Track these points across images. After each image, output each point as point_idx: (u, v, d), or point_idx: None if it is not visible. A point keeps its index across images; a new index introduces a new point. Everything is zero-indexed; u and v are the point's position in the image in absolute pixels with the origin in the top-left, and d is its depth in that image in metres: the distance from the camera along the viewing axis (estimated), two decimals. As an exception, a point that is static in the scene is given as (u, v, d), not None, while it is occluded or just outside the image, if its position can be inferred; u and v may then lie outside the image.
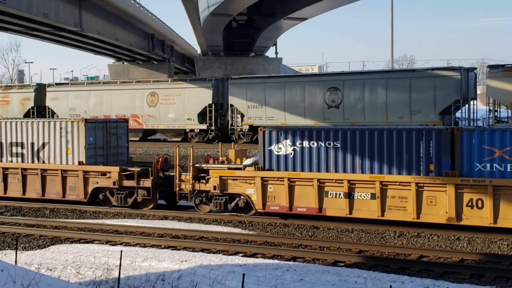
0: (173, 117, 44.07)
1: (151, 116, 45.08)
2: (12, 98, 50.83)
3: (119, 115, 44.40)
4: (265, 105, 40.51)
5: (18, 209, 25.30)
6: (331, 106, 38.45)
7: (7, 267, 9.15)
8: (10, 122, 26.17)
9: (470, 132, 18.29)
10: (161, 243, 18.59)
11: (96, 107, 47.01)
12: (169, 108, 44.31)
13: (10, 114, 48.58)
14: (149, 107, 45.09)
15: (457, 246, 18.01)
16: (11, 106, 50.36)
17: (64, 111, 47.71)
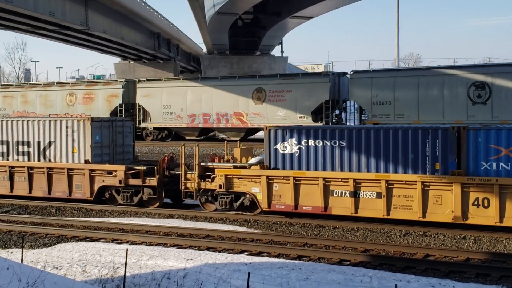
0: (282, 115, 40.62)
1: (257, 114, 41.58)
2: (97, 95, 46.53)
3: (220, 113, 42.20)
4: (394, 101, 37.62)
5: (25, 207, 25.39)
6: (477, 102, 35.47)
7: (13, 265, 9.18)
8: (16, 121, 26.26)
9: (476, 131, 18.23)
10: (166, 242, 18.62)
11: (194, 104, 43.28)
12: (278, 106, 41.11)
13: (95, 112, 45.32)
14: (255, 104, 41.48)
15: (463, 245, 17.96)
16: (96, 104, 46.35)
17: (157, 109, 44.21)
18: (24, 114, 47.36)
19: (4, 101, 49.88)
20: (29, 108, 48.34)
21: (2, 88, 50.91)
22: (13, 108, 49.07)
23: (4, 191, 26.45)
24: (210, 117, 42.60)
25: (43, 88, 48.86)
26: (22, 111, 48.42)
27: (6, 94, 50.04)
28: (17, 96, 49.49)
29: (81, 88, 47.20)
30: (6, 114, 48.35)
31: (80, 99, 46.97)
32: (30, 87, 49.58)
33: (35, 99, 48.50)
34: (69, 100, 46.93)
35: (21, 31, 44.09)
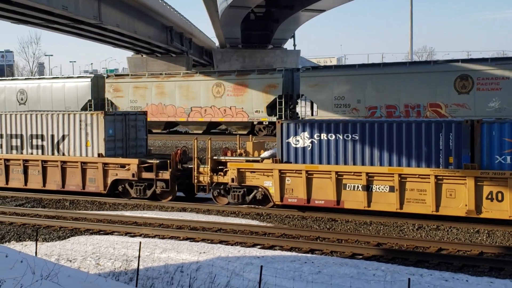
0: (496, 106, 35.35)
1: (460, 106, 36.08)
2: (251, 85, 41.95)
3: (411, 105, 36.99)
4: None
5: (39, 200, 25.57)
6: None
7: (27, 258, 9.25)
8: (30, 115, 26.43)
9: (490, 125, 18.10)
10: (179, 235, 18.68)
11: (379, 94, 37.86)
12: (491, 95, 35.59)
13: (248, 105, 41.42)
14: (458, 94, 36.15)
15: (476, 239, 17.88)
16: (249, 95, 41.59)
17: (329, 101, 39.14)
18: (160, 108, 44.30)
19: (136, 93, 45.37)
20: (166, 100, 44.15)
21: (133, 78, 46.30)
22: (146, 100, 44.81)
23: (18, 184, 26.66)
24: None
25: (183, 78, 44.43)
26: (158, 103, 44.39)
27: (138, 85, 45.43)
28: (151, 87, 44.79)
29: (231, 78, 42.66)
30: (138, 107, 44.67)
31: (229, 91, 42.39)
32: (167, 77, 44.96)
33: (174, 91, 44.04)
34: (216, 91, 42.65)
35: (34, 25, 44.36)
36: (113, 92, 46.20)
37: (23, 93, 49.32)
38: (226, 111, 42.36)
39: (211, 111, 42.84)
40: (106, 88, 46.40)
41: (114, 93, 46.15)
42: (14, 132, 26.67)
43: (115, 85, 46.19)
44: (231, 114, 42.24)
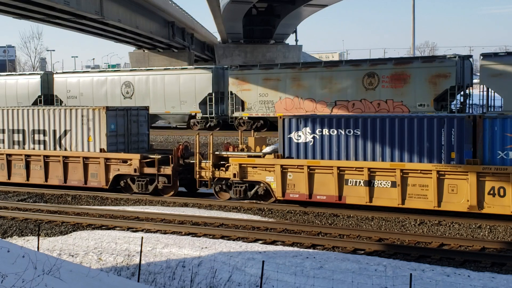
0: None
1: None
2: (414, 75, 36.78)
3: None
4: None
5: (41, 195, 25.60)
6: None
7: (29, 253, 9.26)
8: (32, 110, 26.44)
9: (493, 120, 18.07)
10: (181, 230, 18.70)
11: None
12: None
13: (410, 98, 36.73)
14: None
15: (478, 235, 17.87)
16: (411, 87, 36.68)
17: None
18: (295, 101, 40.09)
19: (266, 85, 41.32)
20: (305, 93, 39.78)
21: (263, 70, 42.03)
22: (279, 94, 40.62)
23: (20, 179, 26.70)
24: None
25: (326, 69, 39.62)
26: (294, 97, 40.21)
27: (268, 76, 41.30)
28: (285, 78, 40.45)
29: (387, 68, 37.63)
30: (269, 101, 40.96)
31: (385, 82, 37.63)
32: (305, 68, 40.61)
33: (314, 83, 39.61)
34: (367, 82, 37.91)
35: (36, 20, 44.32)
36: (238, 85, 41.72)
37: (129, 86, 46.86)
38: (380, 105, 37.63)
39: (361, 105, 38.19)
40: (230, 81, 42.19)
41: (239, 86, 41.66)
42: (16, 127, 26.68)
43: (241, 77, 41.81)
44: (386, 109, 37.36)
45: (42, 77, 50.77)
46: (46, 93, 50.59)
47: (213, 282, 12.65)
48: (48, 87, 50.54)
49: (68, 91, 48.85)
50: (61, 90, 49.20)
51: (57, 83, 49.46)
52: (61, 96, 49.19)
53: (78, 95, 48.43)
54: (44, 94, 50.56)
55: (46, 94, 50.65)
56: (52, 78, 50.00)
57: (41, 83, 50.48)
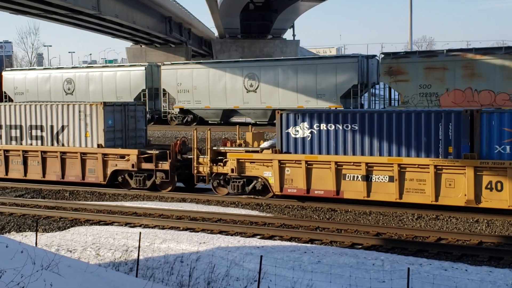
0: None
1: None
2: None
3: None
4: None
5: (38, 191, 25.60)
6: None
7: (27, 248, 9.27)
8: (29, 105, 26.40)
9: (490, 114, 18.10)
10: (179, 225, 18.72)
11: None
12: None
13: None
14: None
15: (475, 229, 17.92)
16: None
17: None
18: (467, 94, 35.03)
19: (429, 75, 35.84)
20: (480, 84, 34.70)
21: (423, 58, 36.64)
22: (445, 85, 35.54)
23: (18, 175, 26.68)
24: None
25: (509, 56, 34.27)
26: (465, 89, 35.06)
27: (431, 65, 35.95)
28: (455, 67, 35.28)
29: None
30: (432, 93, 35.98)
31: None
32: (481, 55, 34.98)
33: (492, 72, 34.36)
34: None
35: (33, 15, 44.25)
36: (393, 75, 36.84)
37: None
38: None
39: None
40: (382, 70, 37.42)
41: (394, 77, 36.76)
42: (14, 123, 26.65)
43: (395, 66, 36.77)
44: None
45: (146, 69, 46.44)
46: None
47: (212, 277, 12.68)
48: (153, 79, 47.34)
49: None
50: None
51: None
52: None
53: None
54: None
55: None
56: None
57: (146, 75, 46.24)
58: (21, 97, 49.53)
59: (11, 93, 51.01)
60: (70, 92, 48.20)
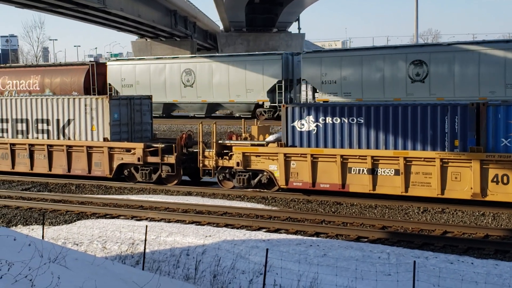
0: None
1: None
2: None
3: None
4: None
5: (45, 185, 25.68)
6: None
7: (34, 241, 9.31)
8: (35, 99, 26.46)
9: (496, 107, 18.04)
10: (185, 219, 18.76)
11: None
12: None
13: None
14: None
15: (481, 222, 17.89)
16: None
17: None
18: None
19: None
20: None
21: None
22: None
23: (24, 168, 26.77)
24: None
25: None
26: None
27: None
28: None
29: None
30: None
31: None
32: None
33: None
34: None
35: (38, 9, 44.31)
36: None
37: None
38: None
39: None
40: None
41: None
42: (20, 116, 26.72)
43: None
44: None
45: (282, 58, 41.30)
46: None
47: (217, 270, 12.72)
48: None
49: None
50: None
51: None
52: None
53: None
54: None
55: None
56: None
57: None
58: (129, 90, 44.82)
59: (117, 85, 45.88)
60: (189, 84, 43.14)
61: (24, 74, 49.08)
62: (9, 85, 49.14)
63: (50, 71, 47.99)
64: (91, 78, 45.64)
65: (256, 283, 12.06)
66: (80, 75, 46.05)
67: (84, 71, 46.12)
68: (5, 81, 49.36)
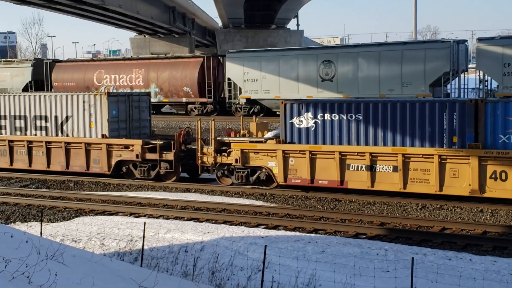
0: None
1: None
2: None
3: None
4: None
5: (43, 181, 25.66)
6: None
7: (32, 238, 9.31)
8: (33, 96, 26.43)
9: (495, 104, 18.04)
10: (184, 215, 18.75)
11: None
12: None
13: None
14: None
15: (480, 219, 17.90)
16: None
17: None
18: None
19: None
20: None
21: None
22: None
23: (22, 165, 26.74)
24: None
25: None
26: None
27: None
28: None
29: None
30: None
31: None
32: None
33: None
34: None
35: (37, 5, 44.23)
36: None
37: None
38: None
39: None
40: None
41: None
42: (18, 113, 26.68)
43: None
44: None
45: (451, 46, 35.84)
46: None
47: (216, 267, 12.71)
48: None
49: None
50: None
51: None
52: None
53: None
54: None
55: None
56: None
57: None
58: (253, 85, 40.00)
59: (238, 80, 40.73)
60: (328, 78, 37.63)
61: (124, 68, 45.47)
62: (106, 79, 45.69)
63: (156, 65, 44.44)
64: (205, 72, 41.97)
65: (255, 279, 12.05)
66: (193, 69, 42.55)
67: (198, 64, 42.62)
68: (101, 75, 45.94)
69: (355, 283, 11.98)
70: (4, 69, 50.16)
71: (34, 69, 48.76)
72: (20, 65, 49.98)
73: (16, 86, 48.71)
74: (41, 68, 48.60)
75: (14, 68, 49.84)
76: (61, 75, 47.60)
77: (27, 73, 48.96)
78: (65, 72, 47.63)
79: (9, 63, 51.45)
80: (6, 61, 52.92)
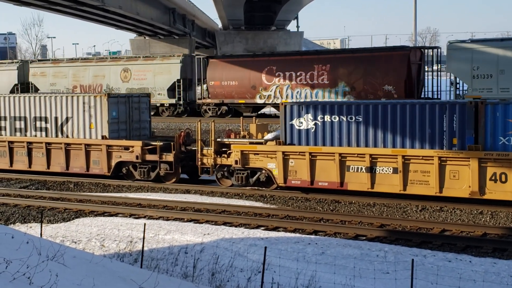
0: None
1: None
2: None
3: None
4: None
5: (43, 182, 25.66)
6: None
7: (32, 239, 9.31)
8: (34, 97, 26.44)
9: (495, 106, 18.05)
10: (184, 217, 18.76)
11: None
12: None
13: None
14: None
15: (480, 220, 17.91)
16: None
17: None
18: None
19: None
20: None
21: None
22: None
23: (22, 166, 26.74)
24: None
25: None
26: None
27: None
28: None
29: None
30: None
31: None
32: None
33: None
34: None
35: (37, 7, 44.21)
36: None
37: None
38: None
39: None
40: None
41: None
42: (18, 114, 26.69)
43: None
44: None
45: None
46: None
47: (216, 268, 12.71)
48: None
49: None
50: None
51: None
52: None
53: None
54: None
55: None
56: None
57: None
58: (485, 82, 33.30)
59: (464, 76, 34.11)
60: None
61: (301, 64, 38.58)
62: (278, 78, 39.02)
63: (343, 60, 37.59)
64: (409, 68, 34.50)
65: (254, 281, 12.06)
66: (386, 65, 35.19)
67: (404, 58, 34.84)
68: (272, 73, 39.37)
69: (355, 285, 11.99)
70: (144, 66, 44.82)
71: (183, 66, 43.60)
72: (166, 61, 44.23)
73: (160, 86, 43.90)
74: (189, 66, 43.94)
75: (158, 64, 44.35)
76: (218, 73, 41.14)
77: (175, 70, 43.51)
78: (224, 69, 41.17)
79: (151, 59, 45.63)
80: (146, 57, 46.96)
